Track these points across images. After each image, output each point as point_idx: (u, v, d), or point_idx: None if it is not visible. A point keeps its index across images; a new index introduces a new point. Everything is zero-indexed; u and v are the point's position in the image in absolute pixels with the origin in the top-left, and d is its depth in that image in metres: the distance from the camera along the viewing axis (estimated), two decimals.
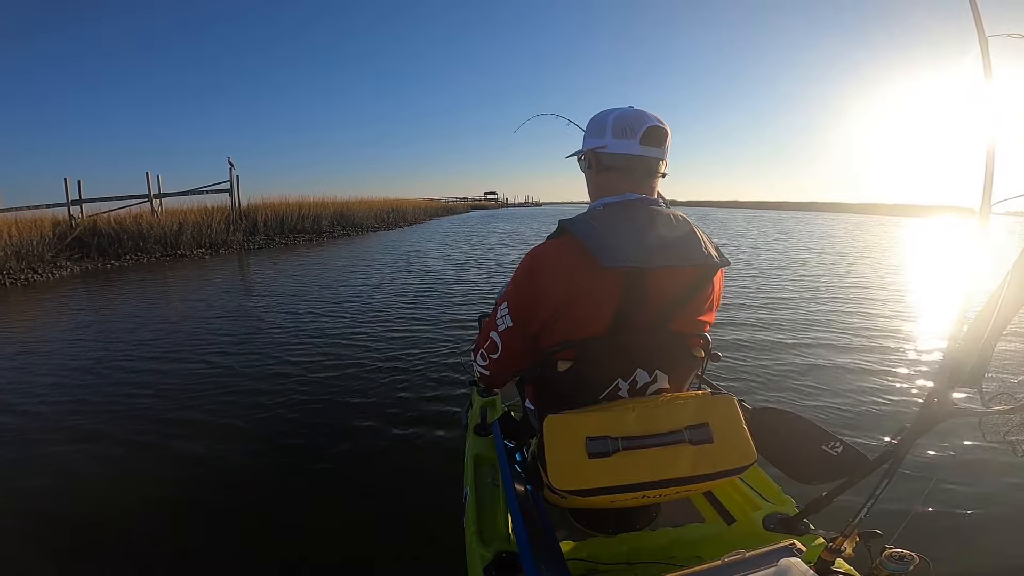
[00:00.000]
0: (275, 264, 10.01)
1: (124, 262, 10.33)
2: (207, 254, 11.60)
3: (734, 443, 0.85)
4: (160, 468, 2.30)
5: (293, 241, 14.24)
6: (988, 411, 0.81)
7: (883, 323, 4.43)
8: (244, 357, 3.87)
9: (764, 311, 4.92)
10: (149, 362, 3.83)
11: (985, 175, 0.73)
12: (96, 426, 2.71)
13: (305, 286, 7.06)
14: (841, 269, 7.77)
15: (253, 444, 2.50)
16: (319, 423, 2.68)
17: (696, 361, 0.98)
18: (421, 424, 2.62)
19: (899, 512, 0.89)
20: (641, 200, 0.93)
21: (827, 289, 6.09)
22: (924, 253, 11.40)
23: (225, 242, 12.62)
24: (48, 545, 1.79)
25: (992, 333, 0.76)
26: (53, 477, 2.23)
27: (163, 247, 11.42)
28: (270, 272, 9.00)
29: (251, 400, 3.03)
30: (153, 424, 2.72)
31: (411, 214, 25.83)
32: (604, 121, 0.96)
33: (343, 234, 16.56)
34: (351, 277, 7.79)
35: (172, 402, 3.02)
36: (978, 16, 0.77)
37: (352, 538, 1.79)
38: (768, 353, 3.60)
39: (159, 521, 1.91)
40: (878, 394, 2.83)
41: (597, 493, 0.81)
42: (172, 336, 4.60)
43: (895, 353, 3.60)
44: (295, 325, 4.86)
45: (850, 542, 0.84)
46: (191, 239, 11.93)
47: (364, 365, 3.58)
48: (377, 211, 21.27)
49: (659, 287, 0.89)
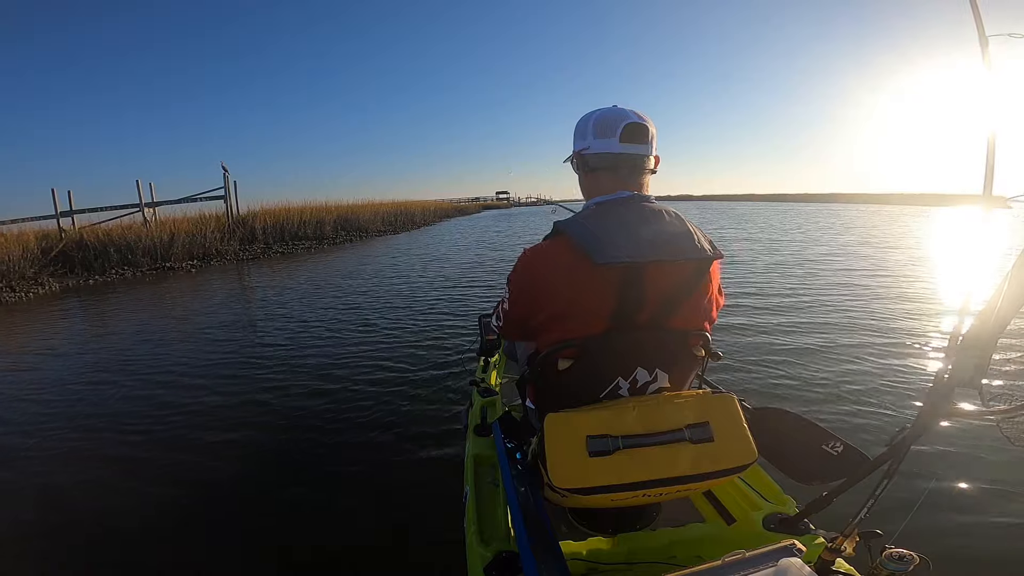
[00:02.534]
0: (269, 275, 9.23)
1: (109, 277, 9.48)
2: (199, 266, 10.67)
3: (734, 442, 0.85)
4: (159, 482, 2.29)
5: (293, 249, 13.29)
6: (988, 411, 0.81)
7: (886, 319, 4.43)
8: (229, 372, 3.85)
9: (764, 310, 4.92)
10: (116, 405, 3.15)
11: (986, 168, 0.73)
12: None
13: (301, 296, 6.54)
14: (842, 264, 7.77)
15: (253, 445, 2.50)
16: (318, 424, 2.69)
17: (696, 360, 0.98)
18: (421, 424, 2.62)
19: (899, 512, 0.89)
20: (632, 197, 0.94)
21: (828, 286, 6.08)
22: (933, 245, 11.31)
23: (219, 252, 11.67)
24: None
25: (993, 332, 0.75)
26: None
27: (152, 260, 10.51)
28: (262, 283, 8.32)
29: (251, 403, 3.03)
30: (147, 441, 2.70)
31: (419, 216, 24.65)
32: (587, 123, 0.98)
33: (346, 239, 15.70)
34: (351, 284, 7.32)
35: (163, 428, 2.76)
36: (978, 16, 0.77)
37: (352, 538, 1.79)
38: (768, 352, 3.60)
39: (158, 534, 1.91)
40: (879, 394, 2.83)
41: (597, 492, 0.82)
42: (140, 360, 4.05)
43: (896, 352, 3.60)
44: (285, 334, 4.84)
45: (850, 542, 0.84)
46: (182, 250, 10.98)
47: (364, 365, 3.59)
48: (384, 214, 20.37)
49: (656, 283, 0.89)
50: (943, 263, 8.22)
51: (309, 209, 15.97)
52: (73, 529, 1.92)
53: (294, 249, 13.32)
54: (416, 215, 24.26)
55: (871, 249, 10.10)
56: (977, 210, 1.25)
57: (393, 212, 21.58)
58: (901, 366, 3.30)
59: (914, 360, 3.44)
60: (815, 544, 0.93)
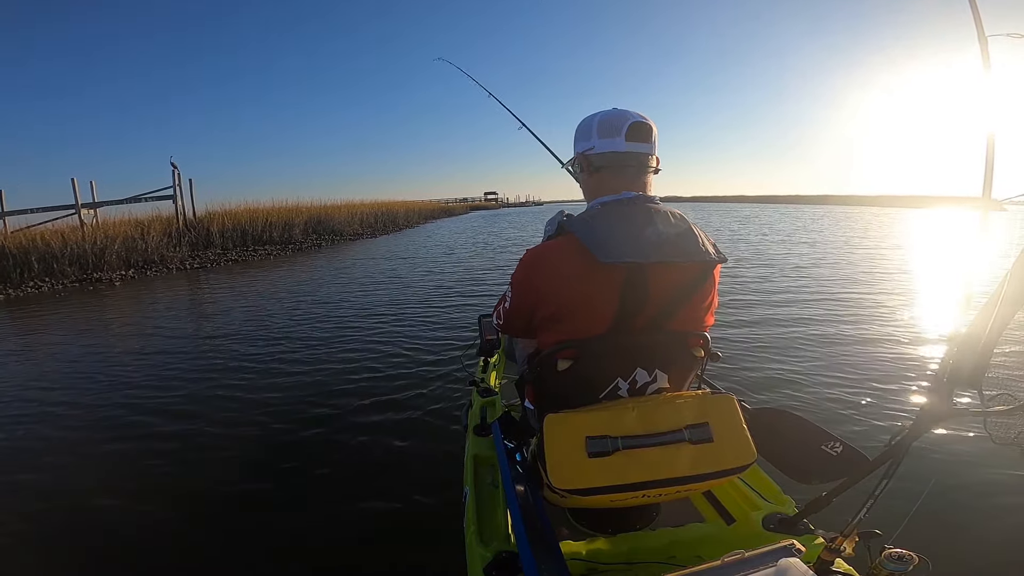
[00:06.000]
0: (210, 288, 7.84)
1: (23, 291, 7.80)
2: (132, 277, 9.11)
3: (734, 442, 0.85)
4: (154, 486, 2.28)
5: (252, 255, 11.67)
6: (988, 411, 0.81)
7: (884, 320, 4.43)
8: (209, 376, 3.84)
9: (763, 310, 4.92)
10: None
11: (985, 169, 0.73)
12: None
13: (252, 317, 5.42)
14: (840, 263, 7.77)
15: (251, 447, 2.50)
16: (318, 425, 2.68)
17: (696, 361, 0.98)
18: (421, 424, 2.62)
19: (899, 512, 0.89)
20: (638, 197, 0.94)
21: (826, 285, 6.08)
22: (927, 246, 11.32)
23: (162, 260, 10.18)
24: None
25: (992, 332, 0.75)
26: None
27: (82, 269, 8.93)
28: (206, 297, 7.17)
29: (250, 407, 3.03)
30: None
31: (403, 218, 23.23)
32: (590, 124, 0.98)
33: (314, 245, 14.14)
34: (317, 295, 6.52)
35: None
36: (978, 16, 0.77)
37: (352, 538, 1.79)
38: (768, 352, 3.60)
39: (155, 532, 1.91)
40: (878, 394, 2.83)
41: (597, 492, 0.82)
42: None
43: (896, 352, 3.60)
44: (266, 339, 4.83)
45: (850, 542, 0.84)
46: (117, 258, 9.46)
47: (362, 365, 3.59)
48: (363, 215, 18.82)
49: (659, 284, 0.89)
50: (942, 264, 8.22)
51: (277, 210, 14.60)
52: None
53: (254, 255, 11.78)
54: (399, 216, 22.91)
55: (870, 249, 10.10)
56: (965, 212, 1.25)
57: (373, 213, 20.10)
58: (900, 366, 3.30)
59: (913, 360, 3.44)
60: (815, 544, 0.93)
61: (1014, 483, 1.94)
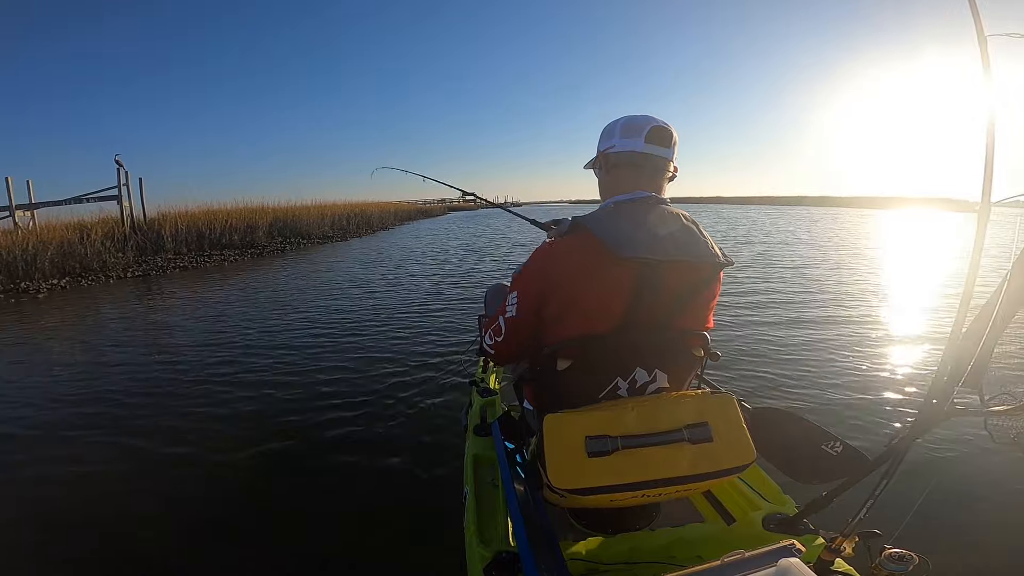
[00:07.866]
0: (155, 298, 7.04)
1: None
2: (63, 286, 7.94)
3: (733, 442, 0.85)
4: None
5: (207, 261, 10.66)
6: (988, 411, 0.81)
7: (884, 320, 4.43)
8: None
9: (763, 310, 4.92)
10: None
11: (984, 172, 0.73)
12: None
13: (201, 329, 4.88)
14: (840, 265, 7.77)
15: (251, 447, 2.50)
16: (317, 426, 2.68)
17: (696, 360, 0.99)
18: (420, 424, 2.62)
19: (899, 512, 0.89)
20: (651, 198, 0.95)
21: (825, 286, 6.08)
22: (927, 247, 11.34)
23: (103, 267, 9.10)
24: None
25: (992, 332, 0.75)
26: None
27: (9, 278, 7.91)
28: (137, 310, 6.27)
29: (249, 406, 3.03)
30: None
31: (377, 219, 22.13)
32: (615, 126, 1.01)
33: (280, 248, 13.08)
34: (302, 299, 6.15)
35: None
36: (977, 16, 0.77)
37: (352, 538, 1.79)
38: (767, 352, 3.60)
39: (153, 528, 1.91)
40: (878, 394, 2.83)
41: (596, 492, 0.82)
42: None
43: (896, 352, 3.60)
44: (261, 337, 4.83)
45: (850, 542, 0.84)
46: (52, 264, 8.44)
47: (362, 365, 3.59)
48: (334, 217, 17.74)
49: (672, 281, 0.90)
50: (942, 264, 8.22)
51: (239, 211, 13.54)
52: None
53: (208, 260, 10.73)
54: (373, 218, 21.80)
55: (869, 250, 10.10)
56: (965, 212, 1.25)
57: (345, 215, 18.96)
58: (900, 366, 3.31)
59: (913, 360, 3.44)
60: (815, 544, 0.93)
61: (1014, 483, 1.94)
